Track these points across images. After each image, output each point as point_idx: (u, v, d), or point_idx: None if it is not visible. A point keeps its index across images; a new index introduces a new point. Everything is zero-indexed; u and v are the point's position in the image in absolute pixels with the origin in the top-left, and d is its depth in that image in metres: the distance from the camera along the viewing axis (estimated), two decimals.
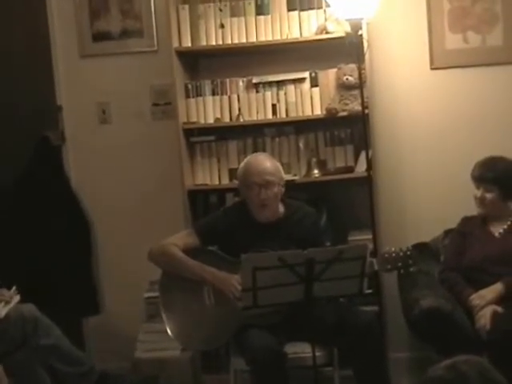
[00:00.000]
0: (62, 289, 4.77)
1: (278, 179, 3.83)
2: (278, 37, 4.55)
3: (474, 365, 2.00)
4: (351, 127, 4.60)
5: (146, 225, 4.89)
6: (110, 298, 5.01)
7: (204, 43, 4.61)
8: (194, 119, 4.65)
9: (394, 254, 3.54)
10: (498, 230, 4.03)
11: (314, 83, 4.59)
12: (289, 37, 4.54)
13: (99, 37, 4.90)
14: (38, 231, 4.78)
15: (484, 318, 3.65)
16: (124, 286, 4.93)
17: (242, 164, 3.93)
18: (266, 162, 3.85)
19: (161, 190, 4.87)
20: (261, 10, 4.56)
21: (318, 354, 3.37)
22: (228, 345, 3.83)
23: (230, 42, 4.59)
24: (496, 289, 3.75)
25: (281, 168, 3.92)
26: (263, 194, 3.77)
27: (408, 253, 3.53)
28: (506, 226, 4.02)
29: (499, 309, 3.67)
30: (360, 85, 4.32)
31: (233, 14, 4.59)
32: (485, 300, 3.72)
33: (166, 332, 3.81)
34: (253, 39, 4.57)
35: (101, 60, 4.95)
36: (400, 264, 3.54)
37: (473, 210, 4.08)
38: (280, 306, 3.51)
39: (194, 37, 4.61)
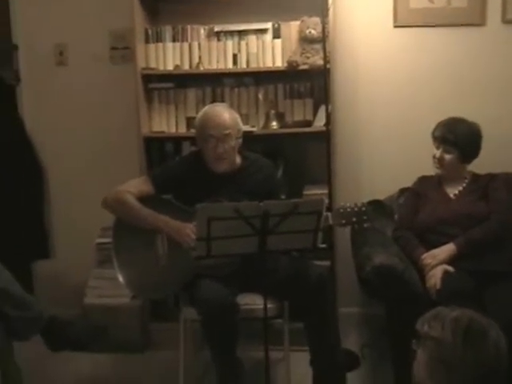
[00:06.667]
0: (12, 232, 4.71)
1: (236, 132, 3.78)
2: None
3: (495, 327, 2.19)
4: (311, 81, 4.59)
5: (100, 170, 4.85)
6: (62, 243, 4.98)
7: None
8: (153, 65, 4.59)
9: (348, 209, 3.55)
10: (453, 191, 4.05)
11: (276, 35, 4.55)
12: None
13: None
14: None
15: (434, 277, 3.67)
16: (76, 232, 4.90)
17: (200, 115, 3.86)
18: (223, 115, 3.79)
19: (116, 136, 4.82)
20: None
21: (269, 306, 3.36)
22: (178, 294, 3.81)
23: None
24: (448, 249, 3.77)
25: (239, 120, 3.86)
26: (220, 148, 3.72)
27: (363, 209, 3.54)
28: (461, 188, 4.04)
29: (450, 269, 3.70)
30: (323, 39, 4.29)
31: None
32: (436, 259, 3.75)
33: (117, 279, 3.77)
34: None
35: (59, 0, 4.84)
36: (354, 219, 3.54)
37: (429, 169, 4.09)
38: (233, 258, 3.51)
39: None
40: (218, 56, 4.57)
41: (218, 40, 4.59)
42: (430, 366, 2.20)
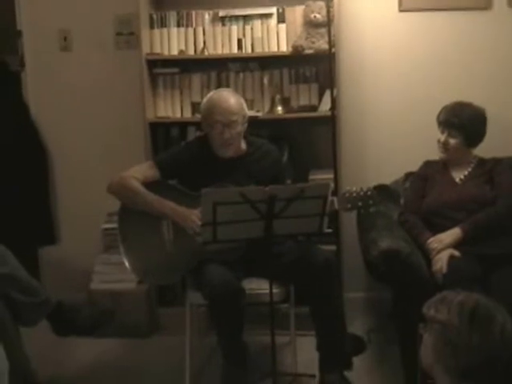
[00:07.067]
0: (18, 218, 4.71)
1: (242, 117, 3.77)
2: None
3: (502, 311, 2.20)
4: (317, 65, 4.58)
5: (105, 156, 4.84)
6: (68, 229, 4.98)
7: None
8: (157, 50, 4.58)
9: (354, 194, 3.54)
10: (459, 175, 4.03)
11: (281, 19, 4.54)
12: None
13: None
14: None
15: (441, 261, 3.66)
16: (82, 217, 4.90)
17: (206, 100, 3.84)
18: (230, 100, 3.77)
19: (121, 121, 4.81)
20: None
21: (275, 290, 3.37)
22: (184, 279, 3.82)
23: None
24: (454, 233, 3.77)
25: (245, 105, 3.84)
26: (227, 134, 3.71)
27: (369, 193, 3.54)
28: (467, 172, 4.03)
29: (456, 253, 3.69)
30: (328, 23, 4.28)
31: None
32: (442, 244, 3.74)
33: (123, 264, 3.77)
34: None
35: None
36: (360, 204, 3.54)
37: (434, 154, 4.08)
38: (239, 242, 3.51)
39: None
40: (222, 41, 4.56)
41: (223, 25, 4.57)
42: (437, 350, 2.20)
